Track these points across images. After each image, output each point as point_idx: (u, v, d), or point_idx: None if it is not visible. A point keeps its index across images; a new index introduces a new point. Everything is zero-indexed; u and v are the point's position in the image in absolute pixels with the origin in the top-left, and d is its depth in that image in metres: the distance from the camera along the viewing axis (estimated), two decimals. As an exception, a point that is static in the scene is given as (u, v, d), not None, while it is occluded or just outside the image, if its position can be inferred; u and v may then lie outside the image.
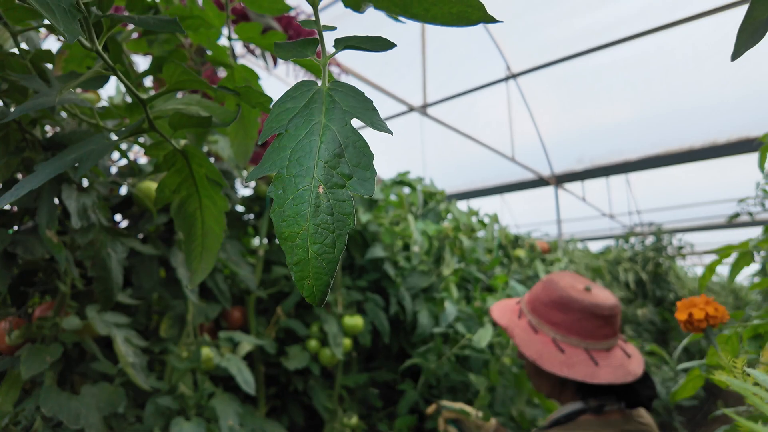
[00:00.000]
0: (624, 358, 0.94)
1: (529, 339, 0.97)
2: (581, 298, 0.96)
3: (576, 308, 0.95)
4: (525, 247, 2.78)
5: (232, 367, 0.87)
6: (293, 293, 1.31)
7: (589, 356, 0.92)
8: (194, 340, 1.00)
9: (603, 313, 0.94)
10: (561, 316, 0.96)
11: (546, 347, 0.93)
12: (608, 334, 0.96)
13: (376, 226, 1.42)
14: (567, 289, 0.98)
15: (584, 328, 0.94)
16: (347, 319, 1.31)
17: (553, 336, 0.96)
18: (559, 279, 1.02)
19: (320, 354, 1.26)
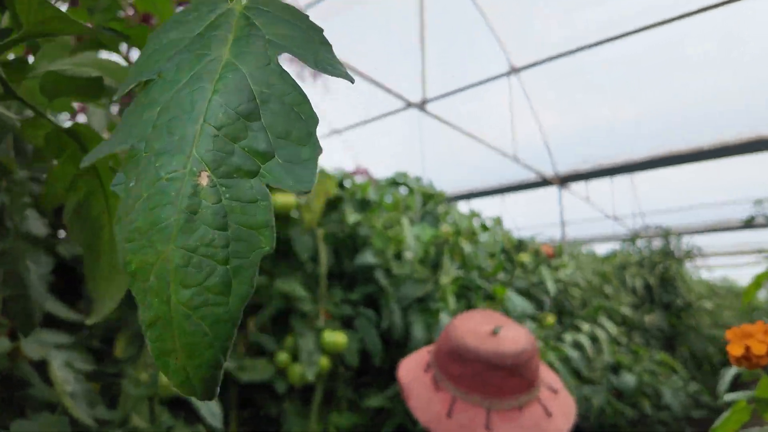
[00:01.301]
0: (541, 416, 0.79)
1: (428, 401, 0.84)
2: (477, 345, 0.82)
3: (472, 358, 0.81)
4: (529, 251, 2.63)
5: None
6: (269, 305, 1.16)
7: (486, 419, 0.77)
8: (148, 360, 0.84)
9: (505, 363, 0.80)
10: (459, 369, 0.82)
11: (444, 408, 0.80)
12: (517, 388, 0.80)
13: (368, 229, 1.26)
14: (463, 336, 0.84)
15: (487, 383, 0.80)
16: (328, 334, 1.15)
17: (453, 394, 0.82)
18: (461, 323, 0.88)
19: (289, 370, 1.10)
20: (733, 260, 14.45)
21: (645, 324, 3.84)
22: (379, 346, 1.25)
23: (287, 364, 1.14)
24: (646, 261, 4.14)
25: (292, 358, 1.15)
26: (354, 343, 1.21)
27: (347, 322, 1.37)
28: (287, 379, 1.14)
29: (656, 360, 2.93)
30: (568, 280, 2.40)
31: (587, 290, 2.64)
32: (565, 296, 2.36)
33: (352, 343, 1.22)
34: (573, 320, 2.30)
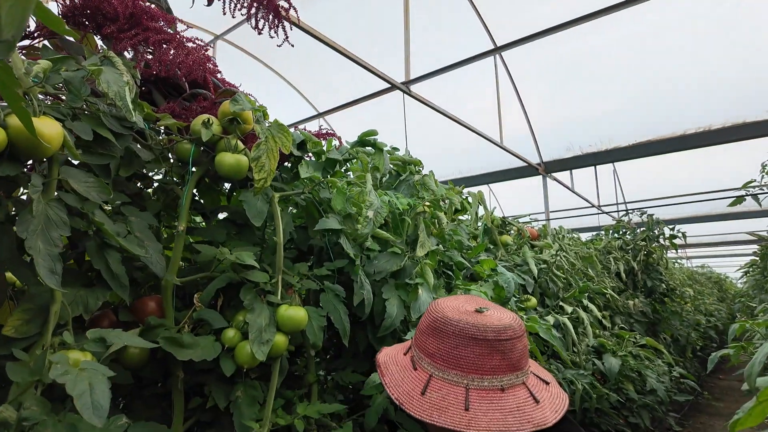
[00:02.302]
0: (526, 401, 0.73)
1: (401, 378, 0.80)
2: (459, 318, 0.77)
3: (450, 332, 0.76)
4: (513, 232, 2.53)
5: (78, 383, 0.59)
6: (217, 278, 1.02)
7: (465, 397, 0.72)
8: (51, 340, 0.71)
9: (487, 337, 0.74)
10: (436, 344, 0.78)
11: (418, 386, 0.76)
12: (498, 368, 0.74)
13: (329, 192, 1.13)
14: (443, 310, 0.80)
15: (464, 359, 0.75)
16: (284, 310, 1.02)
17: (431, 372, 0.78)
18: (444, 301, 0.84)
19: (237, 350, 0.96)
20: (712, 250, 14.72)
21: (629, 309, 3.81)
22: (346, 324, 1.13)
23: (235, 343, 1.01)
24: (630, 246, 4.10)
25: (241, 335, 1.02)
26: (316, 320, 1.09)
27: (312, 299, 1.24)
28: (235, 360, 1.01)
29: (640, 344, 2.88)
30: (551, 261, 2.31)
31: (571, 273, 2.56)
32: (549, 278, 2.28)
33: (315, 321, 1.09)
34: (556, 302, 2.21)
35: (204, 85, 1.21)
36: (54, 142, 0.69)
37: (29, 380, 0.62)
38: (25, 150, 0.68)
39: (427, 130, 5.80)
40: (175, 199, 1.21)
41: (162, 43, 0.92)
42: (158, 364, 1.03)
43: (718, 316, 7.09)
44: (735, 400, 6.65)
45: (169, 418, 1.05)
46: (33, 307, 0.75)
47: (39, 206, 0.69)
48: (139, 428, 0.83)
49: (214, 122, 1.06)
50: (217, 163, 1.05)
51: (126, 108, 0.78)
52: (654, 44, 4.79)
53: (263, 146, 1.01)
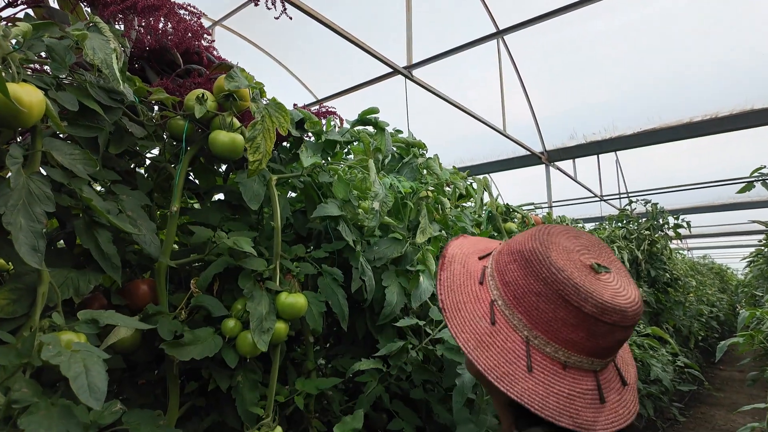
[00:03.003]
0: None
1: (461, 283, 0.64)
2: (569, 270, 0.56)
3: (550, 279, 0.56)
4: (517, 220, 2.49)
5: (73, 365, 0.55)
6: (215, 263, 0.98)
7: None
8: (39, 322, 0.67)
9: (611, 321, 0.55)
10: (520, 277, 0.59)
11: (513, 356, 0.57)
12: (577, 344, 0.56)
13: (329, 176, 1.09)
14: (549, 248, 0.59)
15: (544, 314, 0.57)
16: (284, 297, 0.98)
17: (493, 297, 0.61)
18: (551, 243, 0.60)
19: (239, 340, 0.93)
20: (714, 241, 14.67)
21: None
22: (345, 309, 1.09)
23: (236, 333, 0.97)
24: (635, 234, 4.05)
25: (242, 325, 0.99)
26: (316, 305, 1.05)
27: (311, 284, 1.20)
28: (237, 350, 0.98)
29: (644, 333, 2.85)
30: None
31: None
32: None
33: (314, 307, 1.06)
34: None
35: (199, 61, 1.15)
36: (34, 110, 0.65)
37: (17, 363, 0.59)
38: (2, 118, 0.63)
39: (429, 119, 5.73)
40: (169, 178, 1.16)
41: (151, 9, 0.87)
42: (151, 348, 1.00)
43: (719, 307, 7.07)
44: (736, 390, 6.66)
45: (162, 404, 1.02)
46: (20, 287, 0.71)
47: (19, 179, 0.65)
48: (135, 415, 0.80)
49: (209, 98, 1.01)
50: (210, 141, 1.01)
51: (113, 76, 0.73)
52: (660, 30, 4.70)
53: (259, 126, 0.96)
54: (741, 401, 5.97)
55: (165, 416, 0.92)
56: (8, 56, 0.67)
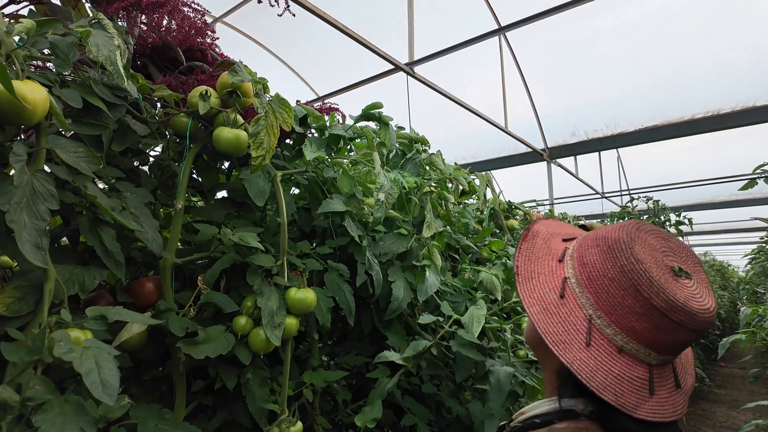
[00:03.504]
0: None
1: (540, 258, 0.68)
2: (653, 271, 0.58)
3: (629, 269, 0.58)
4: (519, 217, 2.49)
5: (85, 361, 0.55)
6: (221, 259, 0.98)
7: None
8: (47, 319, 0.67)
9: (681, 322, 0.56)
10: (599, 259, 0.62)
11: (574, 329, 0.59)
12: (639, 333, 0.58)
13: (334, 171, 1.08)
14: (634, 245, 0.60)
15: (613, 298, 0.59)
16: (294, 293, 0.98)
17: (567, 275, 0.64)
18: (637, 237, 0.62)
19: (251, 337, 0.94)
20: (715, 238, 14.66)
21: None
22: (352, 304, 1.09)
23: (248, 330, 0.98)
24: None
25: (253, 322, 0.99)
26: (324, 301, 1.05)
27: (316, 280, 1.20)
28: (249, 347, 0.98)
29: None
30: (559, 246, 2.27)
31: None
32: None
33: (322, 302, 1.06)
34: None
35: (202, 58, 1.15)
36: (39, 108, 0.64)
37: (27, 360, 0.59)
38: (6, 116, 0.63)
39: (431, 116, 5.72)
40: (172, 176, 1.16)
41: (156, 6, 0.86)
42: (157, 346, 1.00)
43: (720, 304, 7.07)
44: (737, 387, 6.66)
45: (168, 402, 1.02)
46: (26, 285, 0.71)
47: (23, 177, 0.64)
48: (142, 410, 0.80)
49: (212, 94, 1.01)
50: (214, 138, 1.00)
51: (117, 73, 0.72)
52: (662, 27, 4.68)
53: (262, 122, 0.96)
54: (742, 398, 5.97)
55: (172, 413, 0.92)
56: (12, 53, 0.67)
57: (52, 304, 0.73)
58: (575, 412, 0.60)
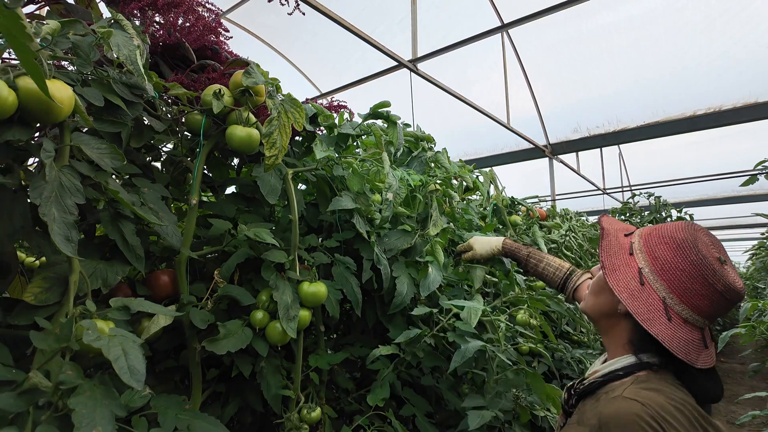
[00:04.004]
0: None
1: (617, 252, 0.86)
2: (706, 255, 0.79)
3: (693, 258, 0.79)
4: (522, 212, 2.51)
5: (113, 348, 0.58)
6: (235, 254, 1.01)
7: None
8: (74, 309, 0.70)
9: (731, 299, 0.79)
10: (670, 256, 0.81)
11: (654, 309, 0.79)
12: (699, 307, 0.80)
13: (342, 170, 1.11)
14: (697, 238, 0.81)
15: (681, 281, 0.80)
16: (306, 286, 1.02)
17: (640, 266, 0.82)
18: (697, 237, 0.82)
19: (268, 330, 0.97)
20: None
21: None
22: (359, 297, 1.12)
23: (264, 324, 1.01)
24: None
25: (269, 316, 1.02)
26: (333, 293, 1.08)
27: (323, 273, 1.23)
28: (267, 339, 1.02)
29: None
30: (560, 241, 2.29)
31: (580, 253, 2.55)
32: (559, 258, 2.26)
33: (332, 294, 1.09)
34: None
35: (213, 56, 1.17)
36: (66, 106, 0.67)
37: (56, 347, 0.62)
38: (36, 113, 0.66)
39: (434, 112, 5.73)
40: (183, 172, 1.19)
41: (171, 6, 0.88)
42: (172, 337, 1.03)
43: (721, 300, 7.08)
44: (737, 382, 6.70)
45: (182, 391, 1.05)
46: (52, 276, 0.74)
47: (52, 172, 0.67)
48: (162, 400, 0.83)
49: (226, 93, 1.03)
50: (228, 136, 1.03)
51: (138, 72, 0.75)
52: (664, 23, 4.68)
53: (275, 122, 0.98)
54: (741, 393, 6.00)
55: (189, 402, 0.96)
56: (38, 53, 0.69)
57: (75, 296, 0.76)
58: (651, 364, 0.80)
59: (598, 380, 0.84)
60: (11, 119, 0.66)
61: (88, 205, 0.91)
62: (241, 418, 1.16)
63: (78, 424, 0.52)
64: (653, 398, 0.71)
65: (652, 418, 0.67)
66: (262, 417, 1.22)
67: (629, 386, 0.77)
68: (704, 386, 0.79)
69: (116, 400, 0.60)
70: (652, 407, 0.69)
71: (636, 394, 0.73)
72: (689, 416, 0.70)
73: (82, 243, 0.89)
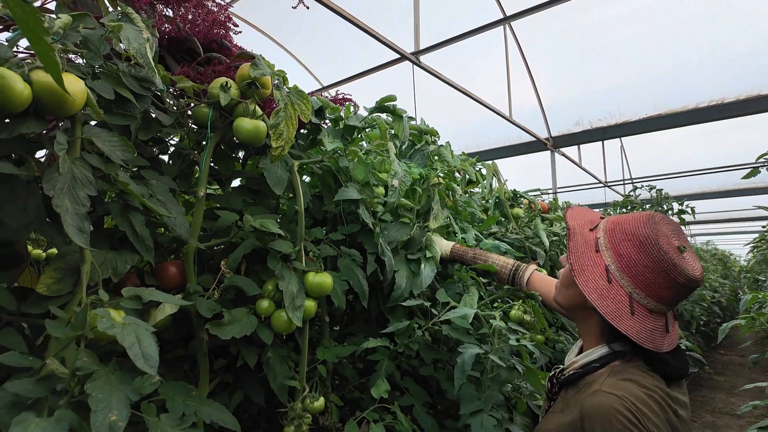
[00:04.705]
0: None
1: (583, 252, 0.89)
2: (666, 249, 0.84)
3: (654, 254, 0.84)
4: (524, 205, 2.52)
5: (127, 335, 0.60)
6: (242, 244, 1.02)
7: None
8: (86, 298, 0.71)
9: (691, 287, 0.84)
10: (633, 253, 0.86)
11: (622, 305, 0.84)
12: (661, 294, 0.85)
13: (348, 161, 1.12)
14: (658, 234, 0.85)
15: (644, 277, 0.84)
16: (312, 276, 1.03)
17: (607, 263, 0.87)
18: (658, 231, 0.86)
19: (274, 318, 0.99)
20: (717, 227, 14.66)
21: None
22: (365, 288, 1.14)
23: (270, 313, 1.03)
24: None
25: (275, 305, 1.04)
26: (338, 284, 1.10)
27: (330, 265, 1.25)
28: (272, 328, 1.04)
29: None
30: (562, 233, 2.31)
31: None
32: (559, 250, 2.27)
33: (337, 285, 1.11)
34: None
35: (219, 49, 1.18)
36: (79, 99, 0.68)
37: (71, 335, 0.63)
38: (50, 106, 0.67)
39: (436, 105, 5.72)
40: (190, 164, 1.20)
41: (181, 0, 0.89)
42: (180, 326, 1.05)
43: (722, 293, 7.12)
44: (736, 374, 6.75)
45: (190, 379, 1.07)
46: (64, 266, 0.76)
47: (65, 164, 0.68)
48: (170, 387, 0.85)
49: (233, 86, 1.04)
50: (235, 129, 1.04)
51: (148, 65, 0.76)
52: (667, 16, 4.65)
53: (282, 113, 0.99)
54: (741, 384, 6.05)
55: (196, 390, 0.98)
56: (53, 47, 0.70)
57: (87, 286, 0.78)
58: (623, 352, 0.86)
59: (577, 371, 0.89)
60: (26, 112, 0.67)
61: (98, 196, 0.93)
62: (248, 407, 1.18)
63: (95, 408, 0.54)
64: (628, 389, 0.77)
65: (628, 409, 0.74)
66: (268, 406, 1.24)
67: (607, 378, 0.83)
68: (673, 366, 0.84)
69: (131, 385, 0.61)
70: (628, 399, 0.75)
71: (613, 386, 0.79)
72: (660, 401, 0.78)
73: (93, 234, 0.91)
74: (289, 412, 1.05)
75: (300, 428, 1.03)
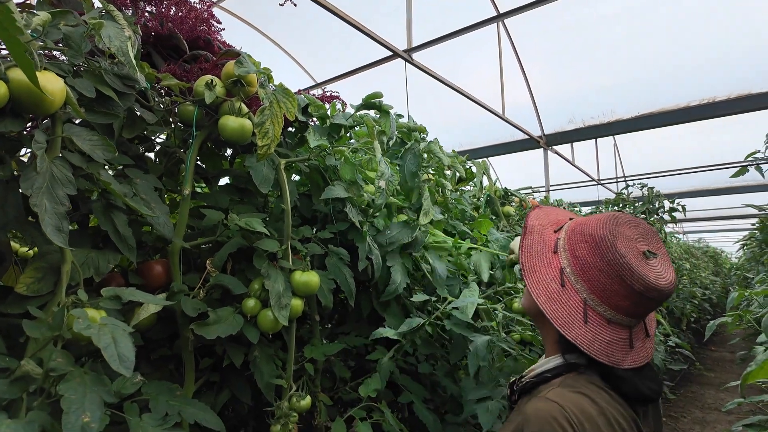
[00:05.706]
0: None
1: (540, 252, 0.83)
2: (626, 255, 0.75)
3: (612, 261, 0.75)
4: (515, 203, 2.53)
5: (103, 336, 0.59)
6: (228, 243, 1.02)
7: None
8: (64, 299, 0.71)
9: (651, 297, 0.74)
10: (589, 255, 0.78)
11: (574, 311, 0.76)
12: (622, 306, 0.77)
13: (335, 159, 1.12)
14: (616, 238, 0.76)
15: (600, 283, 0.77)
16: (299, 275, 1.03)
17: (563, 266, 0.79)
18: (618, 233, 0.77)
19: (260, 317, 0.99)
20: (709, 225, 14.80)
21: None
22: (352, 287, 1.14)
23: (256, 311, 1.02)
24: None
25: (261, 304, 1.04)
26: (325, 283, 1.10)
27: (317, 264, 1.25)
28: (258, 327, 1.03)
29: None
30: (554, 232, 2.32)
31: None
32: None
33: (324, 284, 1.10)
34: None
35: (205, 47, 1.17)
36: (57, 98, 0.67)
37: (48, 336, 0.63)
38: (27, 105, 0.66)
39: (429, 104, 5.72)
40: (176, 163, 1.19)
41: (162, -3, 0.88)
42: (165, 326, 1.04)
43: (712, 290, 7.19)
44: (725, 370, 6.83)
45: (176, 379, 1.06)
46: (44, 266, 0.75)
47: (43, 163, 0.68)
48: (153, 386, 0.85)
49: (218, 84, 1.03)
50: (220, 127, 1.03)
51: (129, 64, 0.75)
52: (659, 15, 4.67)
53: (267, 111, 0.99)
54: (730, 381, 6.13)
55: (181, 390, 0.97)
56: (29, 45, 0.69)
57: (68, 285, 0.77)
58: (577, 365, 0.79)
59: (531, 380, 0.83)
60: (3, 111, 0.67)
61: (81, 195, 0.92)
62: (236, 405, 1.18)
63: (67, 409, 0.54)
64: (575, 401, 0.70)
65: (567, 420, 0.67)
66: (257, 404, 1.24)
67: (555, 388, 0.76)
68: (636, 386, 0.76)
69: (106, 387, 0.61)
70: (571, 410, 0.69)
71: (558, 396, 0.73)
72: (612, 423, 0.70)
73: (75, 232, 0.90)
74: (276, 410, 1.05)
75: (286, 427, 1.03)
